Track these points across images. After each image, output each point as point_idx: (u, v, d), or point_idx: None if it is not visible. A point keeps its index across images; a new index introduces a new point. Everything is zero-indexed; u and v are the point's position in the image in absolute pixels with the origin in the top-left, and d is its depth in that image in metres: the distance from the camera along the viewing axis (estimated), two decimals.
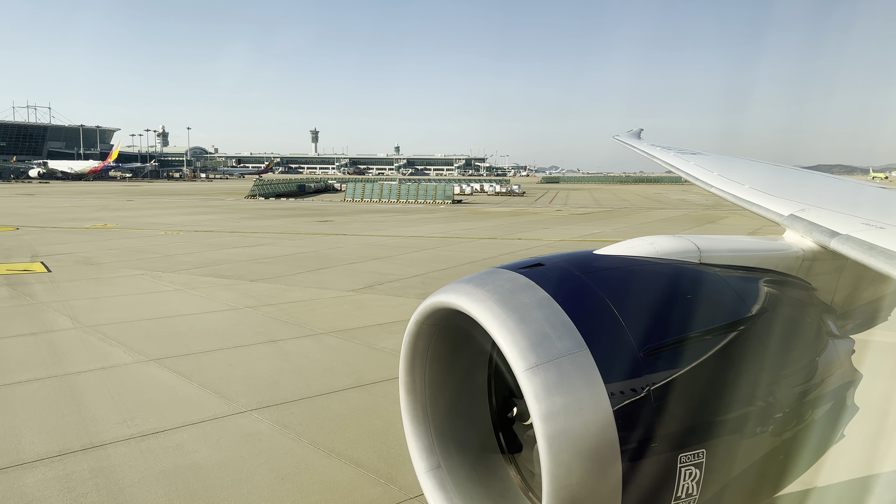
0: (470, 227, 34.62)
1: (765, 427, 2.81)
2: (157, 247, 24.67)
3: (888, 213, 4.22)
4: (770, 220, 3.87)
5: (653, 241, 3.22)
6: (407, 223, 37.18)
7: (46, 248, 23.61)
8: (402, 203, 57.38)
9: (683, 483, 2.54)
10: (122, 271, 18.73)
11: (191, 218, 39.08)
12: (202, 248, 24.50)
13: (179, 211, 45.12)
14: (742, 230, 30.52)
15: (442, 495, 3.02)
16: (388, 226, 35.30)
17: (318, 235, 29.48)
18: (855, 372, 3.27)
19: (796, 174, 6.21)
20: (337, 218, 40.00)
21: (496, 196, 75.27)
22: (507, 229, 34.13)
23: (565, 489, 2.35)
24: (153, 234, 29.26)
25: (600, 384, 2.39)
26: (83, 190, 79.92)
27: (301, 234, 29.76)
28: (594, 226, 37.61)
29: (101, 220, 36.78)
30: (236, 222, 36.34)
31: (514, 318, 2.49)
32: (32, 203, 53.10)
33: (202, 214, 42.11)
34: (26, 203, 52.95)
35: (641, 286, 2.90)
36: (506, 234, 31.63)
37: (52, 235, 28.14)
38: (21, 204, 51.47)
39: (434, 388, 3.14)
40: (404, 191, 60.44)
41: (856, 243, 2.96)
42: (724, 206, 50.15)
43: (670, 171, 6.38)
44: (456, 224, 36.99)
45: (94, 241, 26.44)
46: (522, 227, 35.37)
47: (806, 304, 3.26)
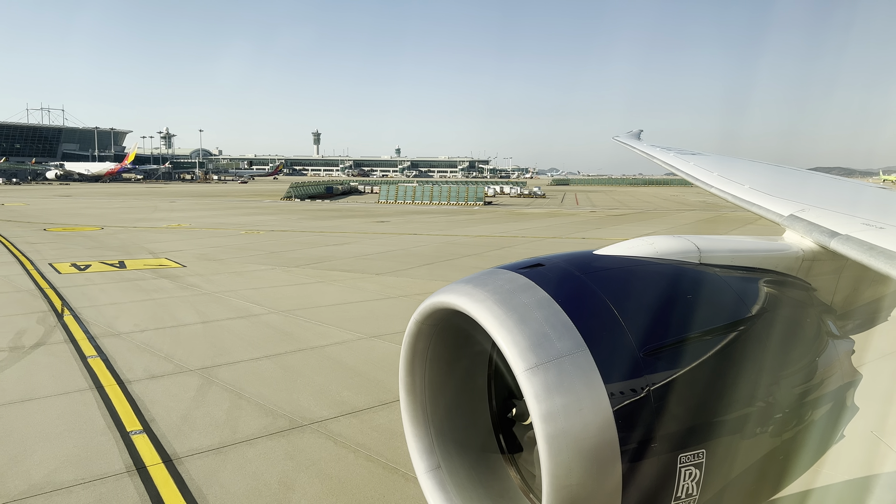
0: (526, 227, 35.72)
1: (765, 427, 2.83)
2: (252, 245, 25.68)
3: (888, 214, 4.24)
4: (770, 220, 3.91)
5: (652, 241, 3.24)
6: (460, 223, 38.24)
7: (152, 246, 24.68)
8: (436, 205, 58.44)
9: (683, 483, 2.56)
10: (248, 266, 19.92)
11: (254, 218, 40.23)
12: (296, 246, 25.53)
13: (235, 212, 46.06)
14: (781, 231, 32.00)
15: (442, 496, 3.06)
16: (446, 226, 36.37)
17: (391, 235, 30.55)
18: (855, 372, 3.28)
19: (796, 174, 6.21)
20: (391, 218, 41.11)
21: (519, 198, 76.21)
22: (563, 229, 35.23)
23: (565, 489, 2.37)
24: (234, 233, 30.36)
25: (600, 384, 2.42)
26: (113, 192, 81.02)
27: (376, 234, 30.87)
28: (640, 226, 38.49)
29: (170, 220, 37.84)
30: (299, 223, 37.42)
31: (514, 318, 2.52)
32: (80, 204, 53.75)
33: (261, 215, 43.14)
34: (75, 204, 53.56)
35: (641, 286, 2.93)
36: (566, 233, 32.73)
37: (142, 235, 29.19)
38: (73, 205, 52.10)
39: (434, 389, 3.15)
40: (436, 192, 61.98)
41: (856, 243, 2.97)
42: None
43: (671, 174, 6.40)
44: (509, 224, 38.03)
45: (188, 239, 27.50)
46: (576, 227, 36.43)
47: (806, 305, 3.28)
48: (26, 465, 6.53)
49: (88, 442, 7.07)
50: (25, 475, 6.31)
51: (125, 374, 9.32)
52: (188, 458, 6.72)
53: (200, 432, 7.35)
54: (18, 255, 21.89)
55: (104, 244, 25.41)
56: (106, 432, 7.34)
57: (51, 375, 9.30)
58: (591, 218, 44.85)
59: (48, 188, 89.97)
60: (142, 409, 8.00)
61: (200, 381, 9.08)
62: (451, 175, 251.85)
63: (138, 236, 28.47)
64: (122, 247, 24.62)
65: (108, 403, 8.22)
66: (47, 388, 8.76)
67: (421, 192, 62.34)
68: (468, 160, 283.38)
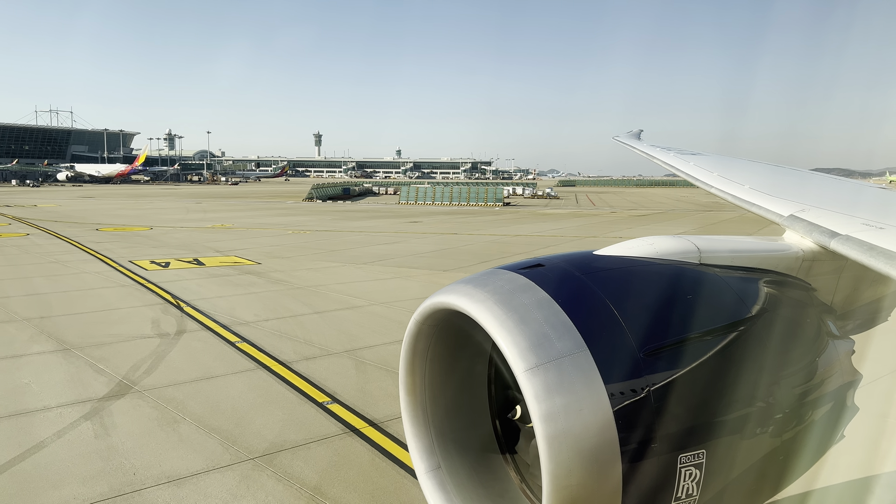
0: (559, 227, 36.52)
1: (765, 428, 2.84)
2: (307, 244, 26.38)
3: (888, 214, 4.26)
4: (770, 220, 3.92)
5: (652, 241, 3.26)
6: (492, 223, 39.15)
7: (212, 245, 25.52)
8: (456, 205, 59.33)
9: (683, 484, 2.57)
10: (319, 263, 20.69)
11: (291, 219, 41.14)
12: (349, 244, 26.24)
13: (268, 213, 46.91)
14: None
15: (442, 496, 3.07)
16: (480, 225, 37.26)
17: (434, 234, 31.37)
18: (855, 372, 3.29)
19: (796, 174, 6.23)
20: (422, 219, 41.99)
21: (534, 199, 77.10)
22: (595, 228, 36.11)
23: (565, 490, 2.38)
24: (281, 233, 31.14)
25: (600, 385, 2.43)
26: (132, 193, 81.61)
27: (417, 234, 31.67)
28: (668, 225, 38.97)
29: (211, 220, 38.61)
30: (336, 223, 38.30)
31: (514, 318, 2.53)
32: (110, 205, 54.28)
33: (295, 216, 43.96)
34: (104, 205, 54.07)
35: (641, 287, 2.94)
36: (601, 232, 33.61)
37: (194, 234, 29.96)
38: (103, 206, 52.59)
39: (434, 389, 3.17)
40: (455, 194, 63.16)
41: (856, 244, 2.98)
42: None
43: (671, 174, 6.39)
44: (539, 224, 38.81)
45: (242, 238, 28.25)
46: (607, 227, 37.26)
47: (806, 305, 3.29)
48: (254, 427, 7.45)
49: (293, 411, 7.98)
50: (259, 436, 7.22)
51: (281, 357, 10.15)
52: (389, 422, 7.70)
53: (384, 403, 8.30)
54: (93, 253, 22.71)
55: (165, 243, 26.23)
56: (303, 403, 8.26)
57: (213, 357, 10.23)
58: (615, 218, 45.69)
59: (68, 190, 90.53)
60: (319, 385, 8.89)
61: (352, 362, 9.93)
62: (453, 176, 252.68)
63: (191, 236, 29.34)
64: (184, 245, 25.42)
65: (283, 380, 9.10)
66: (218, 368, 9.66)
67: (441, 194, 63.55)
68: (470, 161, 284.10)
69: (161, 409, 8.01)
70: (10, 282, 16.86)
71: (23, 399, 8.37)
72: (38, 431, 7.33)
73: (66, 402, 8.25)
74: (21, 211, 45.28)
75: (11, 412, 7.91)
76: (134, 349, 10.64)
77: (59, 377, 9.22)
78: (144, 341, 11.13)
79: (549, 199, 75.87)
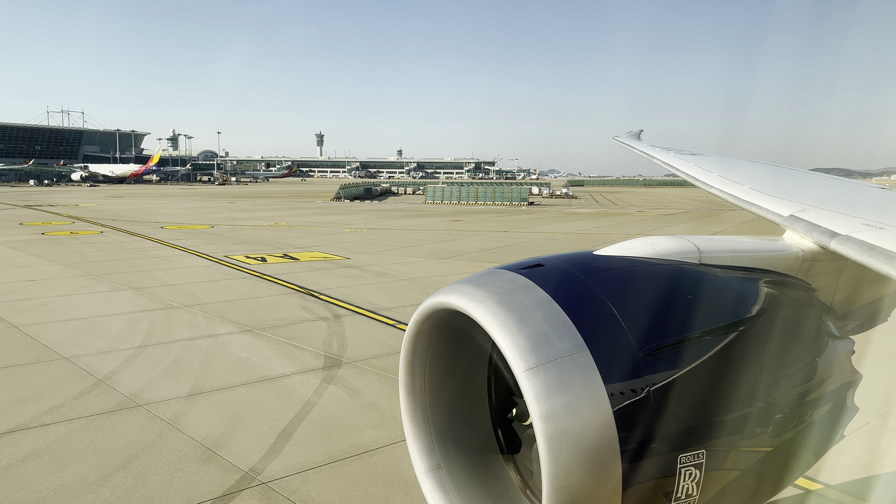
0: (598, 226, 37.62)
1: (765, 428, 2.85)
2: (373, 241, 27.29)
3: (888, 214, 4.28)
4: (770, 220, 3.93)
5: (652, 241, 3.27)
6: (532, 222, 40.22)
7: (284, 242, 26.50)
8: (482, 205, 60.47)
9: (683, 484, 2.58)
10: (403, 258, 21.61)
11: (337, 217, 42.31)
12: (415, 241, 27.18)
13: (311, 212, 47.96)
14: None
15: (442, 496, 3.08)
16: (522, 223, 38.33)
17: (487, 232, 32.47)
18: (855, 373, 3.29)
19: (796, 175, 6.23)
20: (462, 218, 43.12)
21: (553, 199, 77.97)
22: (635, 226, 37.14)
23: (565, 490, 2.39)
24: (338, 231, 32.09)
25: (600, 385, 2.44)
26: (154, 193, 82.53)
27: (471, 231, 32.97)
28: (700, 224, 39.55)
29: (259, 219, 39.38)
30: (383, 221, 39.49)
31: (514, 318, 2.54)
32: (149, 204, 55.01)
33: (338, 215, 45.22)
34: (143, 204, 54.88)
35: (641, 287, 2.95)
36: (643, 229, 34.62)
37: (258, 232, 30.96)
38: (142, 205, 53.38)
39: (434, 389, 3.18)
40: (481, 193, 64.61)
41: (856, 244, 2.99)
42: None
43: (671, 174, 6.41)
44: (577, 223, 39.70)
45: (309, 236, 29.17)
46: (645, 226, 38.19)
47: (806, 305, 3.30)
48: None
49: None
50: None
51: None
52: None
53: None
54: (182, 248, 23.71)
55: (239, 240, 27.21)
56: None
57: (388, 336, 11.32)
58: (646, 217, 46.69)
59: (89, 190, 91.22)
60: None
61: None
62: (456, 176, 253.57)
63: (257, 234, 30.33)
64: (260, 242, 26.41)
65: None
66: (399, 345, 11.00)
67: (466, 193, 65.08)
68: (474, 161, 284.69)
69: (383, 377, 9.28)
70: (133, 274, 18.04)
71: (255, 369, 9.64)
72: (299, 393, 8.60)
73: (296, 371, 9.48)
74: (71, 210, 46.44)
75: (257, 378, 9.20)
76: (310, 330, 11.88)
77: (268, 352, 10.47)
78: (312, 324, 12.38)
79: (569, 199, 76.90)
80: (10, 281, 16.93)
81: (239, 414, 7.88)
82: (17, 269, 19.03)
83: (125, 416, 7.80)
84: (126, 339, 11.24)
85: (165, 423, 7.58)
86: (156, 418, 7.73)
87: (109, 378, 9.15)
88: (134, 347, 10.74)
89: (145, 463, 6.58)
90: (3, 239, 26.77)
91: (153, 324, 12.33)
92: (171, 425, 7.53)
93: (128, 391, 8.61)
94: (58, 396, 8.43)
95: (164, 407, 8.08)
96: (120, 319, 12.74)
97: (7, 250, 23.14)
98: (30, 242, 25.70)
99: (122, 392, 8.58)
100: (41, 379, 9.17)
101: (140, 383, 8.93)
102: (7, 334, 11.55)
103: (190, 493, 6.01)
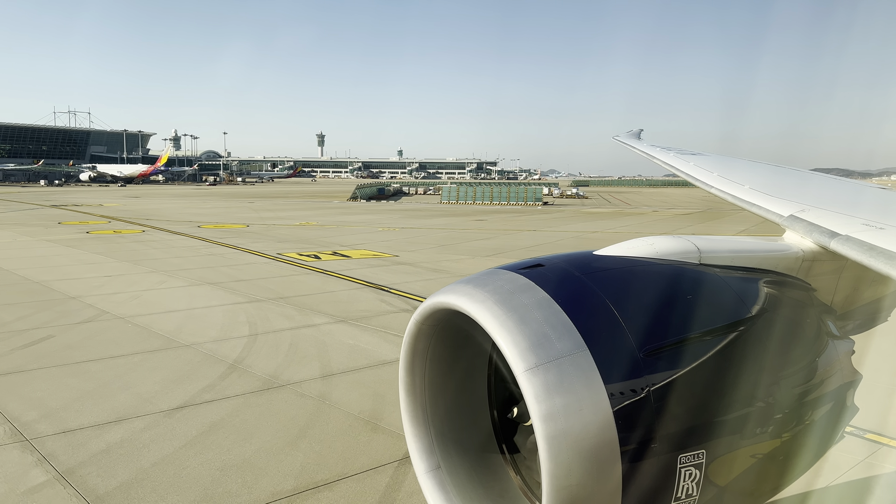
0: (622, 225, 38.15)
1: (765, 428, 2.85)
2: (413, 239, 28.01)
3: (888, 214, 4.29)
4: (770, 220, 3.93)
5: (652, 241, 3.27)
6: (554, 221, 40.95)
7: (327, 240, 27.14)
8: (497, 205, 61.31)
9: (683, 484, 2.59)
10: (448, 255, 22.18)
11: (364, 217, 43.12)
12: (451, 240, 27.84)
13: (336, 212, 48.73)
14: None
15: (442, 496, 3.08)
16: (545, 223, 38.99)
17: (517, 231, 33.11)
18: (855, 372, 3.30)
19: (796, 175, 6.24)
20: (485, 217, 44.01)
21: (564, 199, 78.72)
22: (658, 225, 37.90)
23: (565, 490, 2.40)
24: (371, 230, 32.71)
25: (600, 385, 2.45)
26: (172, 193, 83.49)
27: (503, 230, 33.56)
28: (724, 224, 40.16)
29: (289, 219, 40.03)
30: (408, 221, 40.20)
31: (514, 318, 2.54)
32: (166, 205, 55.51)
33: (364, 214, 46.36)
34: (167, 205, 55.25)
35: (641, 287, 2.96)
36: (669, 228, 35.34)
37: (294, 231, 31.60)
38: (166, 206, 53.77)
39: (434, 389, 3.19)
40: (496, 193, 65.77)
41: (856, 244, 2.99)
42: None
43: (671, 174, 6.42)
44: (599, 222, 40.24)
45: (346, 235, 29.92)
46: (668, 224, 38.99)
47: (806, 305, 3.30)
48: None
49: None
50: None
51: None
52: None
53: None
54: (232, 246, 24.34)
55: (282, 238, 27.83)
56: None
57: None
58: (663, 217, 47.15)
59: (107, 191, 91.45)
60: None
61: None
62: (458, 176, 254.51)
63: (296, 233, 31.01)
64: (303, 240, 27.03)
65: None
66: None
67: (481, 193, 66.33)
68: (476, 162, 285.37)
69: None
70: (200, 270, 18.66)
71: (368, 353, 10.35)
72: None
73: None
74: (98, 210, 47.32)
75: (377, 362, 9.97)
76: (399, 320, 12.45)
77: (372, 339, 11.16)
78: (398, 315, 13.02)
79: (581, 199, 77.68)
80: (88, 277, 17.67)
81: (378, 392, 8.65)
82: (86, 265, 19.71)
83: (276, 394, 8.56)
84: (234, 329, 11.96)
85: (317, 400, 8.31)
86: (305, 396, 8.47)
87: (240, 363, 9.88)
88: (245, 336, 11.48)
89: (320, 432, 7.31)
90: (54, 237, 27.58)
91: (250, 315, 13.04)
92: (322, 402, 8.24)
93: (264, 373, 9.33)
94: (203, 378, 9.15)
95: (308, 386, 8.81)
96: (216, 312, 13.46)
97: (65, 248, 23.93)
98: (81, 241, 26.47)
99: (259, 374, 9.31)
100: (178, 363, 9.87)
101: (271, 367, 9.65)
102: (119, 325, 12.29)
103: (374, 454, 6.74)
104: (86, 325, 12.32)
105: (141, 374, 9.46)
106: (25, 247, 24.42)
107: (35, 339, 11.32)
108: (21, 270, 18.56)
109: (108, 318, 12.92)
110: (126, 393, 8.63)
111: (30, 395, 8.54)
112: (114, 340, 11.27)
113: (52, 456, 6.73)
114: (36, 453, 6.80)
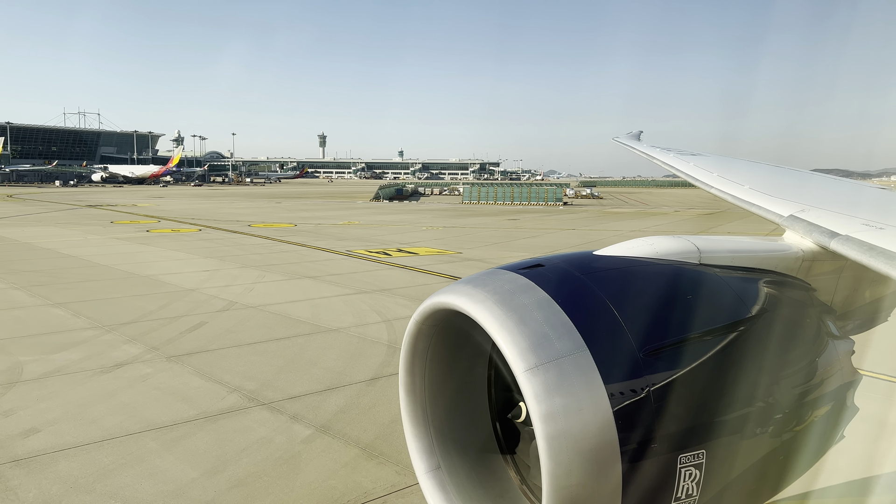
0: (656, 224, 38.90)
1: (765, 428, 2.87)
2: (464, 237, 28.77)
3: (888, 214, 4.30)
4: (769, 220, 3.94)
5: (652, 241, 3.29)
6: (588, 220, 41.67)
7: (381, 238, 28.18)
8: (518, 205, 62.33)
9: (683, 484, 2.61)
10: (507, 252, 22.94)
11: (399, 216, 43.81)
12: (500, 238, 28.58)
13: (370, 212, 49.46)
14: None
15: (442, 496, 3.11)
16: (581, 222, 39.57)
17: (556, 230, 33.75)
18: (855, 372, 3.32)
19: (796, 175, 6.26)
20: (517, 216, 45.05)
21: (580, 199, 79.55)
22: (688, 225, 38.51)
23: (565, 490, 2.41)
24: (415, 229, 33.38)
25: (600, 385, 2.46)
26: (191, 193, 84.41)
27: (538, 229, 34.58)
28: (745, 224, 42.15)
29: (331, 219, 40.78)
30: (444, 220, 41.20)
31: (514, 318, 2.56)
32: (193, 205, 56.19)
33: (397, 214, 47.37)
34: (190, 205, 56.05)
35: (641, 287, 2.98)
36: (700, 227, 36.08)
37: (348, 230, 32.32)
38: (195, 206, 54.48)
39: (434, 389, 3.21)
40: (516, 193, 67.24)
41: (856, 244, 3.01)
42: None
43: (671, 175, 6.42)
44: (628, 222, 40.69)
45: (396, 234, 30.51)
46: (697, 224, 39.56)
47: (806, 305, 3.32)
48: None
49: None
50: None
51: None
52: None
53: None
54: (301, 244, 25.09)
55: (339, 236, 28.49)
56: None
57: None
58: (687, 216, 47.69)
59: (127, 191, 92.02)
60: None
61: None
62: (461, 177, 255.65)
63: (348, 231, 32.00)
64: (360, 238, 27.81)
65: None
66: None
67: (501, 194, 67.83)
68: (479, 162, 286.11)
69: None
70: (290, 265, 19.27)
71: None
72: None
73: None
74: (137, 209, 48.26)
75: None
76: None
77: None
78: None
79: (598, 199, 78.57)
80: (188, 272, 18.25)
81: None
82: (176, 262, 20.23)
83: None
84: (366, 316, 12.71)
85: None
86: None
87: (393, 343, 10.76)
88: (380, 321, 12.27)
89: None
90: (121, 236, 28.29)
91: (370, 304, 13.74)
92: None
93: None
94: (374, 356, 9.93)
95: None
96: (335, 302, 14.19)
97: (141, 246, 24.74)
98: (150, 239, 27.32)
99: None
100: (341, 344, 10.68)
101: None
102: (257, 313, 12.97)
103: None
104: (228, 313, 13.03)
105: (315, 352, 10.36)
106: (102, 244, 24.97)
107: (192, 324, 11.91)
108: (120, 266, 19.18)
109: (240, 307, 13.70)
110: (317, 368, 9.56)
111: (234, 370, 9.31)
112: (265, 325, 12.03)
113: (299, 416, 7.63)
114: (284, 414, 7.72)
